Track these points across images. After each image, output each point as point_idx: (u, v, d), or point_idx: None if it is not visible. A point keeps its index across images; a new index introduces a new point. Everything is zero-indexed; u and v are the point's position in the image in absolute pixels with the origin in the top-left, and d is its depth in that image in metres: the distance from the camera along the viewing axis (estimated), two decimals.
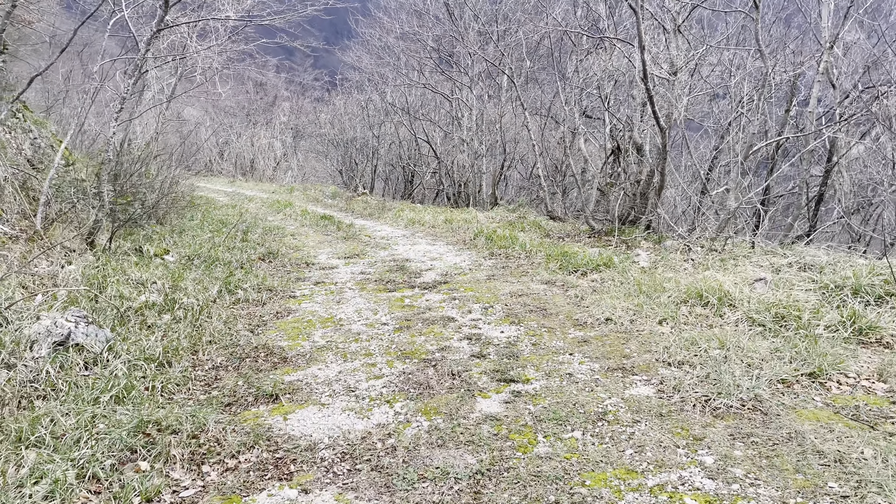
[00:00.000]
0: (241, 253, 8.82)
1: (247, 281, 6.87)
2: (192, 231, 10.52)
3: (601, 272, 6.91)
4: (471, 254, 8.83)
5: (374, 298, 6.37)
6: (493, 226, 11.17)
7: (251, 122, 33.53)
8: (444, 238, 10.56)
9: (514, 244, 8.73)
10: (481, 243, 9.47)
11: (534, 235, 9.79)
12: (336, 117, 23.09)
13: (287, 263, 8.40)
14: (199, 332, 5.17)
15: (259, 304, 6.26)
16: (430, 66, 16.05)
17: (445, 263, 8.07)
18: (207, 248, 8.89)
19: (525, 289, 6.44)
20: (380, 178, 22.35)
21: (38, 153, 12.48)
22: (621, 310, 5.33)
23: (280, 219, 14.18)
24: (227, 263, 7.86)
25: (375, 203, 17.16)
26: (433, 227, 11.73)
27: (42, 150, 13.56)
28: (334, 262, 8.52)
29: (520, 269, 7.56)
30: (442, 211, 13.93)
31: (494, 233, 9.77)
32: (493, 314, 5.61)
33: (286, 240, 10.61)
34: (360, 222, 13.35)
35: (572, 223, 10.33)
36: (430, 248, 9.39)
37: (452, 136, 17.03)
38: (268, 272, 7.78)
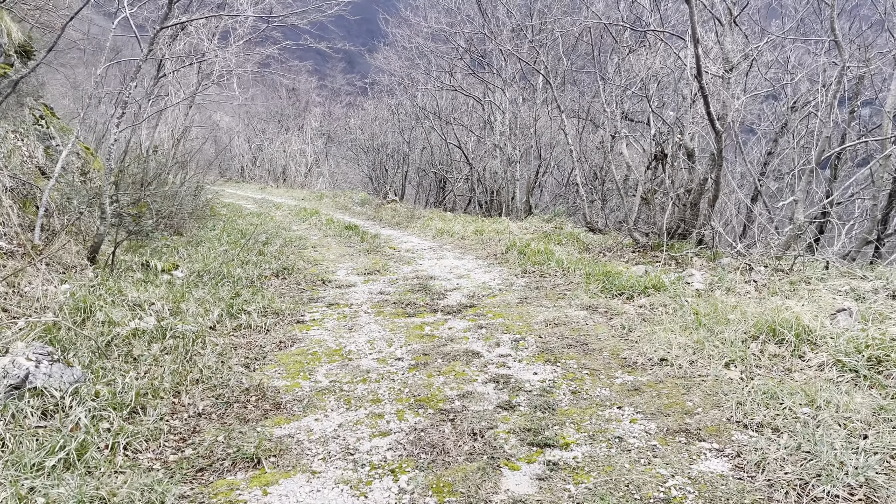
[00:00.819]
0: (254, 268, 8.23)
1: (253, 302, 6.22)
2: (210, 242, 10.00)
3: (650, 296, 6.06)
4: (502, 270, 8.05)
5: (391, 325, 5.65)
6: (527, 237, 10.37)
7: (284, 128, 33.34)
8: (473, 251, 9.80)
9: (550, 260, 7.91)
10: (514, 258, 8.68)
11: (571, 249, 8.96)
12: (366, 122, 22.55)
13: (302, 280, 7.76)
14: (187, 368, 4.52)
15: (263, 330, 5.60)
16: (462, 68, 15.32)
17: (473, 282, 7.31)
18: (220, 262, 8.32)
19: (562, 316, 5.63)
20: (411, 184, 21.71)
21: (54, 161, 12.15)
22: (678, 347, 4.49)
23: (304, 228, 13.63)
24: (237, 281, 7.25)
25: (404, 211, 16.50)
26: (462, 239, 10.97)
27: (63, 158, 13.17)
28: (353, 278, 7.84)
29: (556, 290, 6.75)
30: (473, 220, 13.18)
31: (528, 246, 8.97)
32: (525, 349, 4.82)
33: (306, 252, 9.99)
34: (387, 232, 12.69)
35: (614, 235, 9.46)
36: (458, 264, 8.64)
37: (485, 141, 16.28)
38: (279, 291, 7.14)
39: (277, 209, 18.53)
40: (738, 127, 9.31)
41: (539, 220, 12.21)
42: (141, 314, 5.99)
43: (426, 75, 15.90)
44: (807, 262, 6.33)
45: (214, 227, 12.35)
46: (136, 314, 5.86)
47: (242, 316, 5.82)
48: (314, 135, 31.69)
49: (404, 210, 16.85)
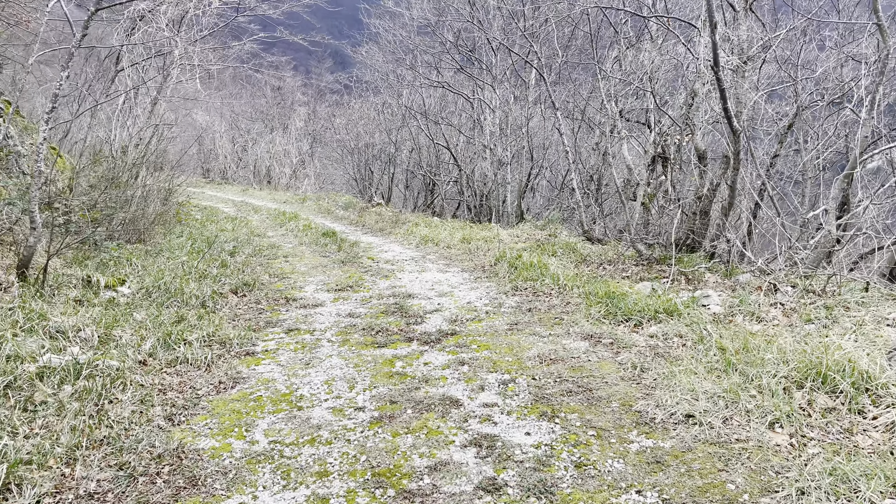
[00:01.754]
0: (212, 283, 7.29)
1: (197, 329, 5.29)
2: (170, 252, 9.04)
3: (661, 322, 5.18)
4: (490, 287, 7.15)
5: (357, 359, 4.74)
6: (519, 246, 9.48)
7: (269, 129, 32.30)
8: (459, 262, 8.91)
9: (544, 275, 7.02)
10: (503, 271, 7.78)
11: (568, 262, 8.08)
12: (351, 122, 21.62)
13: (264, 298, 6.83)
14: (93, 423, 3.61)
15: (203, 365, 4.68)
16: (450, 64, 14.41)
17: (457, 302, 6.41)
18: (174, 276, 7.39)
19: (559, 349, 4.74)
20: (398, 186, 20.81)
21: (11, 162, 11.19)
22: (705, 397, 3.61)
23: (280, 235, 12.69)
24: (187, 300, 6.32)
25: (389, 216, 15.59)
26: (448, 248, 10.07)
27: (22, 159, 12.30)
28: (322, 296, 6.92)
29: (552, 312, 5.85)
30: (460, 226, 12.29)
31: (520, 258, 8.08)
32: (516, 395, 3.93)
33: (275, 263, 9.06)
34: (368, 240, 11.77)
35: (614, 246, 8.59)
36: (442, 278, 7.74)
37: (474, 142, 15.40)
38: (233, 312, 6.21)
39: (256, 213, 17.58)
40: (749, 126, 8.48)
41: (531, 227, 11.33)
42: (63, 343, 5.08)
43: (412, 71, 14.97)
44: (841, 282, 5.47)
45: (182, 234, 11.39)
46: (56, 344, 4.94)
47: (181, 347, 4.89)
48: (299, 135, 30.71)
49: (389, 214, 15.94)
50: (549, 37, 10.97)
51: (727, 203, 6.67)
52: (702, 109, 6.95)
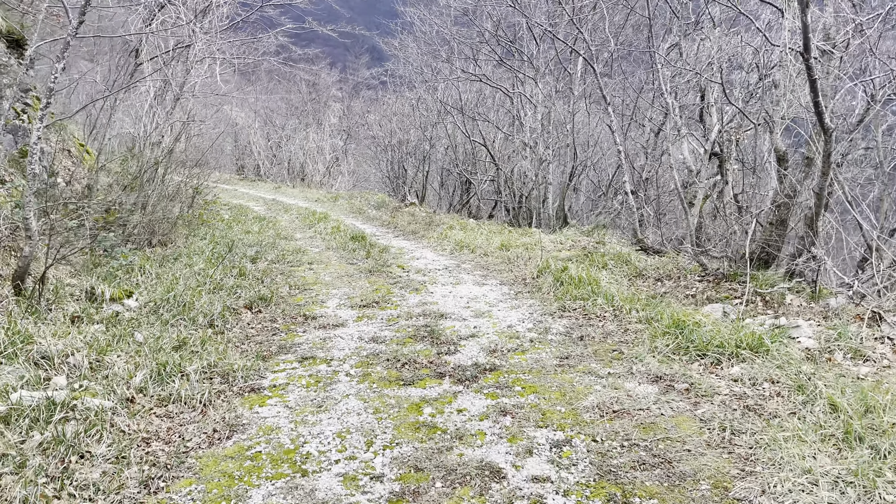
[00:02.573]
0: (228, 295, 6.66)
1: (198, 357, 4.61)
2: (188, 258, 8.46)
3: (744, 360, 4.29)
4: (533, 305, 6.32)
5: (378, 401, 3.98)
6: (563, 255, 8.62)
7: (304, 125, 31.89)
8: (497, 273, 8.09)
9: (596, 293, 6.16)
10: (547, 286, 6.95)
11: (620, 276, 7.19)
12: (385, 118, 20.94)
13: (280, 315, 6.14)
14: (53, 491, 2.94)
15: (198, 406, 3.98)
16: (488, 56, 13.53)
17: (496, 324, 5.60)
18: (188, 286, 6.77)
19: (622, 395, 3.89)
20: (432, 186, 20.05)
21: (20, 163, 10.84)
22: (826, 482, 2.74)
23: (308, 237, 12.06)
24: (193, 319, 5.66)
25: (423, 216, 14.85)
26: (485, 256, 9.26)
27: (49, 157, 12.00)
28: (344, 313, 6.19)
29: (608, 342, 5.00)
30: (498, 230, 11.47)
31: (566, 270, 7.23)
32: (573, 465, 3.11)
33: (298, 272, 8.39)
34: (399, 244, 11.04)
35: (672, 258, 7.66)
36: (478, 293, 6.94)
37: (513, 139, 14.53)
38: (244, 333, 5.53)
39: (286, 212, 17.05)
40: None
41: (576, 233, 10.44)
42: (48, 373, 4.47)
43: (448, 64, 14.16)
44: None
45: (206, 236, 10.85)
46: (39, 374, 4.33)
47: (176, 380, 4.21)
48: (333, 132, 30.22)
49: (423, 215, 15.21)
50: (598, 24, 10.04)
51: (813, 212, 5.70)
52: (783, 103, 5.98)
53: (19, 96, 11.95)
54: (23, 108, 11.62)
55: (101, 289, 6.34)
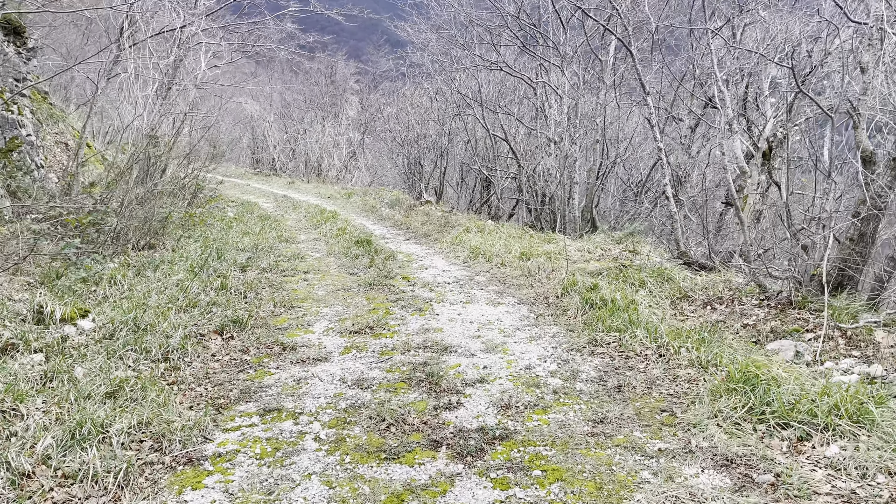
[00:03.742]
0: (201, 314, 5.71)
1: (129, 410, 3.63)
2: (169, 265, 7.53)
3: (842, 434, 3.18)
4: (557, 335, 5.24)
5: (347, 488, 2.96)
6: (592, 268, 7.52)
7: (320, 118, 30.99)
8: (515, 289, 7.03)
9: (635, 323, 5.06)
10: (574, 308, 5.86)
11: (661, 297, 6.07)
12: (401, 111, 19.89)
13: (254, 343, 5.15)
14: None
15: (111, 488, 3.00)
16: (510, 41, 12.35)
17: (511, 364, 4.54)
18: (158, 303, 5.84)
19: (683, 494, 2.81)
20: (450, 183, 18.98)
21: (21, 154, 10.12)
22: None
23: (311, 239, 11.10)
24: (146, 349, 4.70)
25: (438, 216, 13.82)
26: (502, 266, 8.19)
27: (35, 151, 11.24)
28: (330, 342, 5.18)
29: (654, 396, 3.91)
30: (517, 235, 10.37)
31: (596, 289, 6.14)
32: None
33: (290, 283, 7.42)
34: (408, 249, 10.02)
35: (721, 274, 6.50)
36: (491, 315, 5.88)
37: (537, 134, 13.39)
38: (203, 370, 4.55)
39: (294, 210, 16.14)
40: None
41: (605, 240, 9.31)
42: None
43: (466, 51, 13.03)
44: None
45: (200, 238, 9.94)
46: None
47: (92, 447, 3.23)
48: (351, 126, 29.27)
49: (438, 214, 14.17)
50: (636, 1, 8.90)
51: None
52: (872, 92, 4.80)
53: (13, 86, 11.15)
54: (12, 98, 10.84)
55: (52, 307, 5.42)
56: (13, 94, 10.69)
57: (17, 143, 10.29)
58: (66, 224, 7.93)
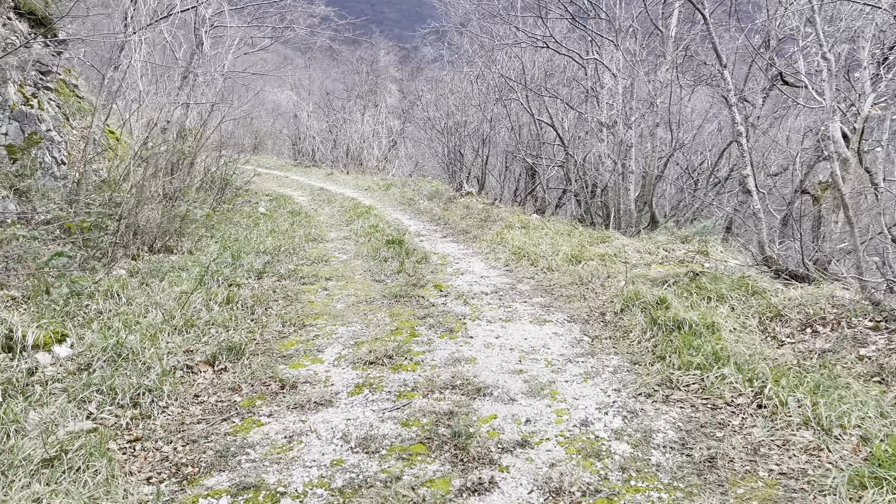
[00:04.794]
0: (195, 338, 4.90)
1: (62, 493, 2.80)
2: (177, 273, 6.78)
3: None
4: (619, 369, 4.20)
5: None
6: (655, 274, 6.39)
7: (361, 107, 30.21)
8: (565, 301, 5.98)
9: (720, 357, 3.97)
10: (639, 331, 4.80)
11: (748, 317, 4.92)
12: (440, 97, 18.88)
13: (247, 380, 4.27)
14: None
15: None
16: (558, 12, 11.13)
17: (562, 417, 3.52)
18: (151, 324, 5.06)
19: None
20: (492, 172, 17.90)
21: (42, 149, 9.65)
22: None
23: (341, 238, 10.26)
24: (113, 390, 3.88)
25: (479, 209, 12.80)
26: (549, 272, 7.14)
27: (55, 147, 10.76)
28: (339, 377, 4.27)
29: (762, 477, 2.84)
30: (566, 231, 9.27)
31: (664, 304, 5.05)
32: None
33: (307, 294, 6.55)
34: (444, 249, 9.05)
35: (821, 287, 5.28)
36: (537, 339, 4.86)
37: (586, 118, 12.19)
38: (173, 424, 3.69)
39: (329, 204, 15.37)
40: None
41: (668, 238, 8.12)
42: None
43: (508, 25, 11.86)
44: None
45: (223, 238, 9.23)
46: None
47: None
48: (391, 114, 28.40)
49: (479, 207, 13.15)
50: None
51: None
52: None
53: (37, 79, 10.63)
54: (33, 92, 10.33)
55: (22, 331, 4.67)
56: (38, 88, 10.18)
57: (37, 139, 9.76)
58: (69, 228, 7.27)
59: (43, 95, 10.42)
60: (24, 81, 9.84)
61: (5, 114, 9.41)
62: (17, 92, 9.68)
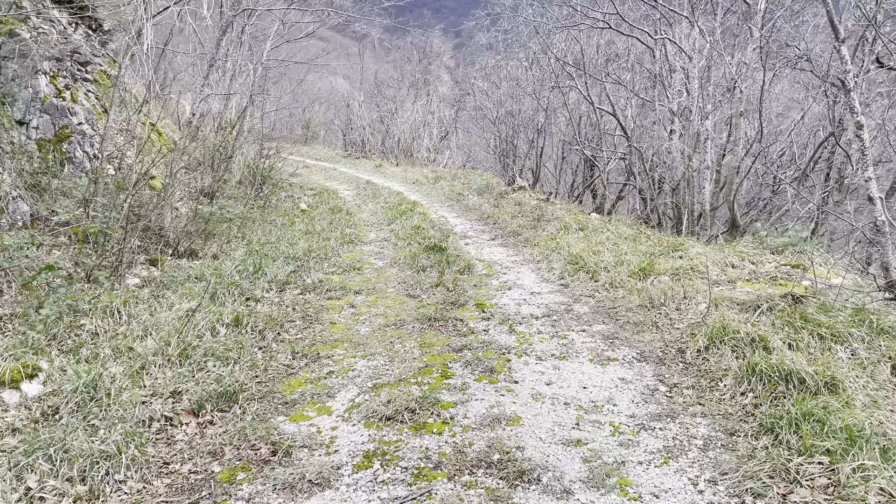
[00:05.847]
0: (188, 373, 4.14)
1: None
2: (190, 286, 6.08)
3: None
4: (709, 441, 3.16)
5: None
6: (743, 297, 5.24)
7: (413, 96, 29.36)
8: (632, 331, 4.93)
9: (855, 439, 2.89)
10: (731, 379, 3.74)
11: (880, 368, 3.78)
12: (493, 85, 17.80)
13: (233, 438, 3.44)
14: None
15: None
16: None
17: None
18: (142, 353, 4.35)
19: None
20: (547, 165, 16.74)
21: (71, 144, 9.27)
22: None
23: (380, 239, 9.43)
24: (51, 460, 3.13)
25: (532, 206, 11.75)
26: (612, 288, 6.08)
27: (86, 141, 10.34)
28: (346, 439, 3.39)
29: None
30: (631, 235, 8.14)
31: (762, 342, 3.97)
32: None
33: (330, 312, 5.72)
34: (491, 255, 8.08)
35: None
36: (598, 389, 3.86)
37: (653, 106, 10.94)
38: None
39: (373, 199, 14.59)
40: None
41: (753, 248, 6.90)
42: None
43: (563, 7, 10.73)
44: None
45: (254, 240, 8.54)
46: None
47: None
48: (443, 103, 27.44)
49: (532, 203, 12.09)
50: None
51: None
52: None
53: (75, 70, 10.21)
54: (66, 84, 9.88)
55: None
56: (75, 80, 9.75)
57: (68, 133, 9.29)
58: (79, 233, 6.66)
59: (79, 87, 9.96)
60: (58, 73, 9.39)
61: (36, 106, 8.97)
62: (50, 83, 9.24)
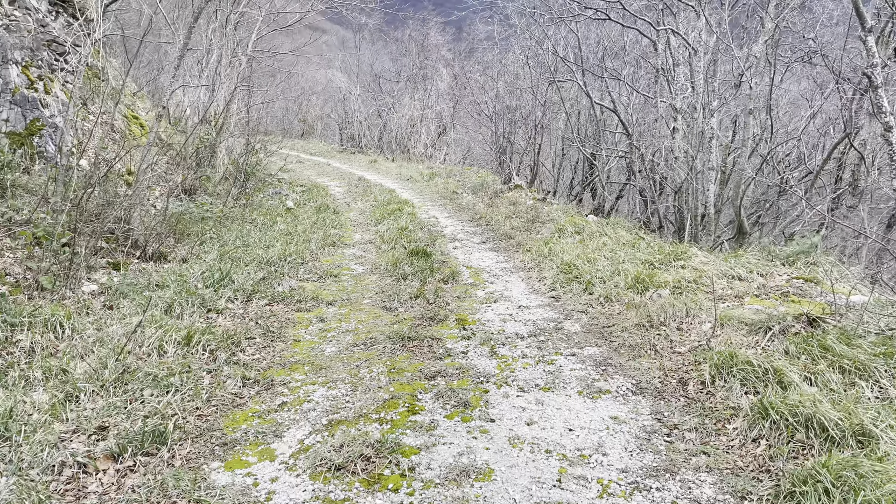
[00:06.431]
0: (123, 405, 3.62)
1: None
2: (144, 296, 5.56)
3: None
4: (715, 500, 2.65)
5: None
6: (751, 316, 4.70)
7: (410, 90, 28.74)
8: (627, 355, 4.39)
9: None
10: (742, 422, 3.21)
11: None
12: (489, 80, 17.23)
13: (150, 493, 2.92)
14: None
15: None
16: None
17: None
18: (69, 380, 3.83)
19: None
20: (545, 163, 16.18)
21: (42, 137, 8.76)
22: None
23: (364, 242, 8.89)
24: None
25: (528, 206, 11.22)
26: (608, 301, 5.54)
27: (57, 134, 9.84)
28: (285, 495, 2.87)
29: None
30: (630, 241, 7.60)
31: (776, 376, 3.44)
32: None
33: (296, 328, 5.20)
34: (479, 261, 7.55)
35: None
36: (586, 434, 3.32)
37: (655, 103, 10.39)
38: None
39: (363, 197, 14.04)
40: None
41: (760, 258, 6.36)
42: None
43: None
44: None
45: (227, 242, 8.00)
46: None
47: None
48: (440, 98, 26.84)
49: (528, 204, 11.56)
50: None
51: None
52: None
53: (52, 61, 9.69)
54: (39, 74, 9.36)
55: None
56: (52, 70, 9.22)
57: (39, 126, 8.78)
58: (24, 237, 6.12)
59: (55, 78, 9.42)
60: (31, 63, 8.86)
61: (6, 98, 8.45)
62: (21, 73, 8.72)
